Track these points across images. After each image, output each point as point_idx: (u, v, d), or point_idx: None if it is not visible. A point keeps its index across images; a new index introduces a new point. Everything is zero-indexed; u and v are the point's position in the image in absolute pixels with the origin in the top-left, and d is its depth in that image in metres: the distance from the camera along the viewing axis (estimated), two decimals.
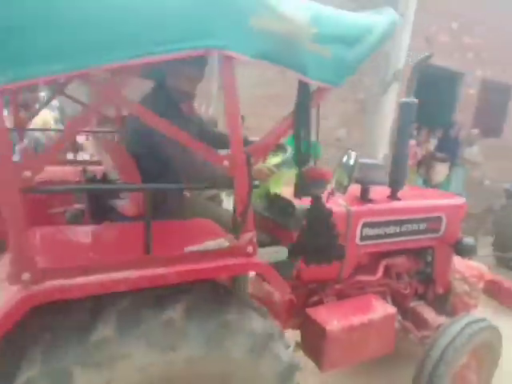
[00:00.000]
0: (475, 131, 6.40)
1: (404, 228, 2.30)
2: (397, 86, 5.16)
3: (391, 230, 2.24)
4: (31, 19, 0.98)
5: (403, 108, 2.38)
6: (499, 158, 6.78)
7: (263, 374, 1.39)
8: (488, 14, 6.52)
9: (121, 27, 1.07)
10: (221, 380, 1.32)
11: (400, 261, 2.40)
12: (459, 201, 2.60)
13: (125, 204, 1.63)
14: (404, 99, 2.37)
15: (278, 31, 1.29)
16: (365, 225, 2.15)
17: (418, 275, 2.55)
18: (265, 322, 1.43)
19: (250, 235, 1.39)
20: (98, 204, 1.79)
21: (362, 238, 2.16)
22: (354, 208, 2.11)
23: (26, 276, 1.09)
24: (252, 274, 1.74)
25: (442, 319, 2.50)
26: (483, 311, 2.79)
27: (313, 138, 1.57)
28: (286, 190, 1.97)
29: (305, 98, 1.50)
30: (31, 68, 0.99)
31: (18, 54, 0.98)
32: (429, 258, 2.56)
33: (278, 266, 1.57)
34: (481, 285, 2.79)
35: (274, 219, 2.03)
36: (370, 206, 2.20)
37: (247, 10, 1.23)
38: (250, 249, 1.40)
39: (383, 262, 2.32)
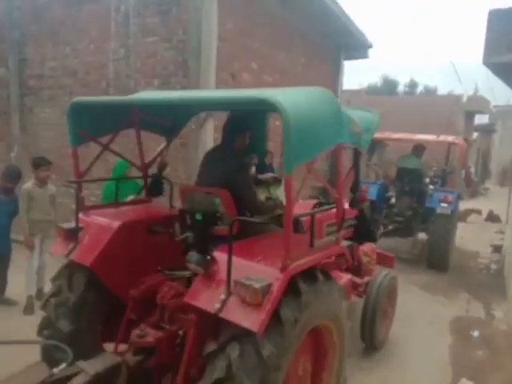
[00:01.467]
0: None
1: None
2: (212, 120, 5.35)
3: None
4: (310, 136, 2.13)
5: None
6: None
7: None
8: (281, 57, 7.53)
9: (323, 137, 2.33)
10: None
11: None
12: None
13: (222, 229, 2.66)
14: None
15: (356, 131, 2.80)
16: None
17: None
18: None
19: (341, 233, 2.71)
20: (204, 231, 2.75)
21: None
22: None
23: (286, 263, 2.01)
24: None
25: (365, 279, 4.06)
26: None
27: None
28: None
29: (357, 159, 3.64)
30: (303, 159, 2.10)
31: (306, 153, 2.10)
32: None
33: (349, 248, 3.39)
34: (374, 256, 4.33)
35: None
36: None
37: (348, 124, 2.69)
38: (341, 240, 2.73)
39: None
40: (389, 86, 38.53)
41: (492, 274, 7.18)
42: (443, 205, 6.86)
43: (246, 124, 3.08)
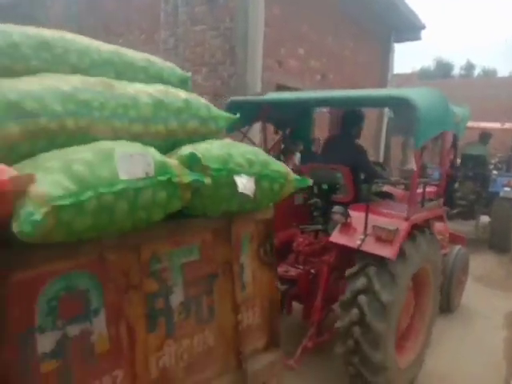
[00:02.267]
0: None
1: None
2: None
3: None
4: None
5: None
6: None
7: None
8: (328, 42, 7.38)
9: (438, 124, 3.02)
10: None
11: None
12: None
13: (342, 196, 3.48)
14: None
15: (456, 121, 3.46)
16: None
17: None
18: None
19: (441, 200, 3.58)
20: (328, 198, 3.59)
21: None
22: None
23: (409, 215, 2.80)
24: None
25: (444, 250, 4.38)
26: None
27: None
28: None
29: (455, 143, 4.45)
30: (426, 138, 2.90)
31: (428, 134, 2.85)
32: None
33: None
34: (447, 235, 4.61)
35: None
36: None
37: (452, 115, 3.29)
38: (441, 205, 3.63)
39: None
40: (443, 70, 36.51)
41: None
42: (506, 189, 7.12)
43: (360, 117, 3.81)
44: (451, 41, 61.35)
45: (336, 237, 2.93)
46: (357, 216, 2.91)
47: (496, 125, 8.28)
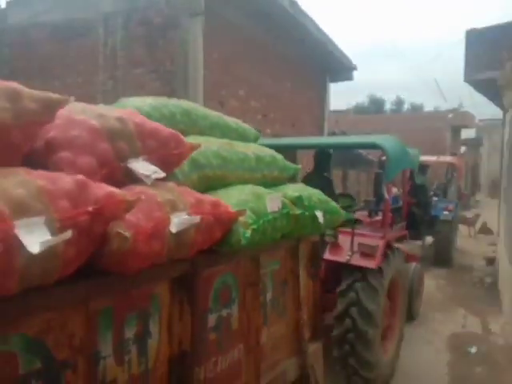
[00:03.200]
0: None
1: None
2: None
3: None
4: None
5: None
6: None
7: None
8: (267, 83, 7.71)
9: (401, 164, 4.06)
10: None
11: None
12: None
13: None
14: None
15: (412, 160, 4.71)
16: None
17: None
18: None
19: (403, 224, 5.05)
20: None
21: None
22: None
23: (384, 235, 3.74)
24: None
25: None
26: None
27: None
28: None
29: (413, 176, 6.56)
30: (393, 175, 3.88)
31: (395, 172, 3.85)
32: None
33: None
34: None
35: None
36: None
37: (409, 156, 4.27)
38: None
39: None
40: (376, 105, 39.35)
41: (486, 288, 7.19)
42: (445, 213, 8.51)
43: (329, 156, 4.39)
44: (383, 78, 66.71)
45: (327, 255, 3.57)
46: (343, 237, 3.61)
47: (432, 158, 9.93)
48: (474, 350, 4.69)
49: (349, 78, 11.23)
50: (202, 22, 5.45)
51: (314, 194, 2.50)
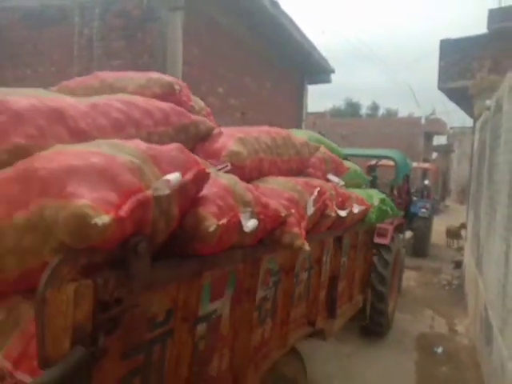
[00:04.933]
0: None
1: None
2: None
3: None
4: None
5: None
6: None
7: None
8: (246, 82, 7.69)
9: (404, 171, 6.47)
10: None
11: None
12: None
13: None
14: None
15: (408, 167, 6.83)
16: None
17: None
18: None
19: (401, 214, 6.32)
20: None
21: None
22: None
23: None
24: None
25: None
26: None
27: None
28: None
29: (408, 180, 7.68)
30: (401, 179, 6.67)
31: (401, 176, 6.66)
32: None
33: None
34: None
35: None
36: None
37: (407, 164, 6.69)
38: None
39: None
40: (352, 109, 39.99)
41: (454, 290, 7.41)
42: (423, 210, 10.10)
43: None
44: (359, 83, 67.91)
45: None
46: None
47: (414, 164, 10.89)
48: (440, 349, 4.82)
49: (327, 80, 11.35)
50: (182, 16, 5.37)
51: (377, 193, 3.85)
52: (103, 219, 0.95)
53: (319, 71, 10.57)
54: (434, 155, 26.92)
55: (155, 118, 1.68)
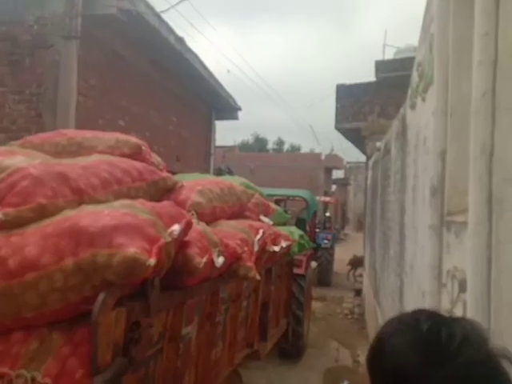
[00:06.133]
0: None
1: None
2: None
3: None
4: None
5: None
6: None
7: None
8: (151, 115, 7.46)
9: (314, 208, 8.58)
10: None
11: None
12: None
13: None
14: None
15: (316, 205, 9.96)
16: None
17: None
18: None
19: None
20: None
21: None
22: None
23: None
24: None
25: None
26: None
27: None
28: None
29: (315, 215, 9.72)
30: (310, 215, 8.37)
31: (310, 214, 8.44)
32: None
33: None
34: None
35: None
36: None
37: (315, 202, 9.45)
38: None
39: None
40: (260, 143, 41.61)
41: (355, 319, 7.76)
42: (325, 241, 10.73)
43: None
44: (266, 119, 71.36)
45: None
46: None
47: (317, 197, 11.62)
48: None
49: (234, 117, 11.60)
50: (77, 45, 5.02)
51: (303, 233, 4.76)
52: (151, 262, 1.37)
53: (227, 108, 10.76)
54: (333, 187, 28.98)
55: (132, 176, 2.03)
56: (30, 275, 1.33)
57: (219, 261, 1.90)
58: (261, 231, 2.71)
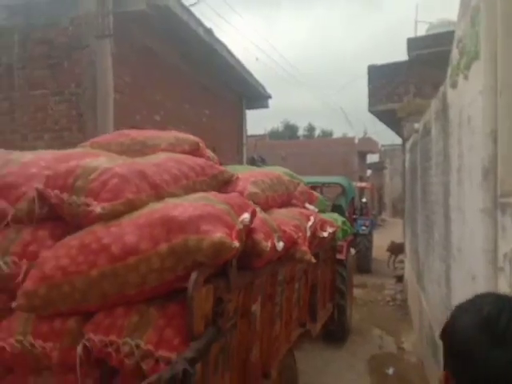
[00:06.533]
0: None
1: None
2: None
3: None
4: None
5: None
6: None
7: None
8: (185, 109, 7.54)
9: (351, 193, 8.61)
10: None
11: None
12: None
13: None
14: None
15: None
16: None
17: None
18: None
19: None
20: None
21: None
22: None
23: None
24: None
25: None
26: None
27: None
28: None
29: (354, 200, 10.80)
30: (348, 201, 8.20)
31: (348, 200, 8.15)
32: None
33: None
34: None
35: None
36: None
37: (352, 188, 8.80)
38: None
39: None
40: (290, 130, 41.23)
41: (398, 306, 7.62)
42: (363, 228, 10.64)
43: None
44: (295, 105, 70.53)
45: None
46: None
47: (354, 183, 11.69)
48: (391, 371, 4.84)
49: (264, 105, 11.53)
50: (111, 43, 5.13)
51: (344, 219, 4.98)
52: (236, 244, 1.60)
53: (257, 97, 10.71)
54: (368, 172, 28.35)
55: (196, 171, 2.22)
56: (131, 259, 1.57)
57: (280, 245, 2.06)
58: (312, 218, 2.92)
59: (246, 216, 1.79)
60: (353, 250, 9.87)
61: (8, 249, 1.76)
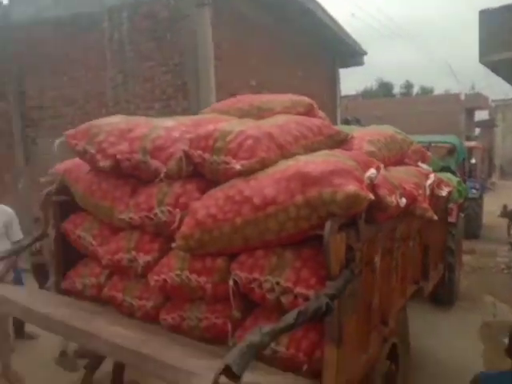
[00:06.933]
0: None
1: None
2: None
3: None
4: None
5: None
6: None
7: None
8: (278, 72, 7.51)
9: (462, 154, 7.97)
10: None
11: None
12: None
13: None
14: None
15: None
16: None
17: None
18: None
19: None
20: None
21: None
22: None
23: None
24: None
25: None
26: None
27: None
28: None
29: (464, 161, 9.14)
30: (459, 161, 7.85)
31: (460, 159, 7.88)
32: None
33: None
34: None
35: None
36: None
37: (463, 149, 8.38)
38: None
39: None
40: (385, 89, 38.66)
41: None
42: (473, 191, 9.76)
43: None
44: (391, 62, 65.57)
45: None
46: None
47: None
48: (507, 340, 4.50)
49: (359, 63, 10.95)
50: (210, 12, 5.25)
51: (459, 179, 4.59)
52: (370, 196, 1.71)
53: (351, 54, 10.20)
54: (477, 131, 25.59)
55: (313, 131, 2.31)
56: (270, 208, 1.75)
57: (402, 201, 2.09)
58: (431, 176, 2.91)
59: (372, 172, 1.87)
60: (461, 215, 9.25)
61: (163, 200, 2.07)
